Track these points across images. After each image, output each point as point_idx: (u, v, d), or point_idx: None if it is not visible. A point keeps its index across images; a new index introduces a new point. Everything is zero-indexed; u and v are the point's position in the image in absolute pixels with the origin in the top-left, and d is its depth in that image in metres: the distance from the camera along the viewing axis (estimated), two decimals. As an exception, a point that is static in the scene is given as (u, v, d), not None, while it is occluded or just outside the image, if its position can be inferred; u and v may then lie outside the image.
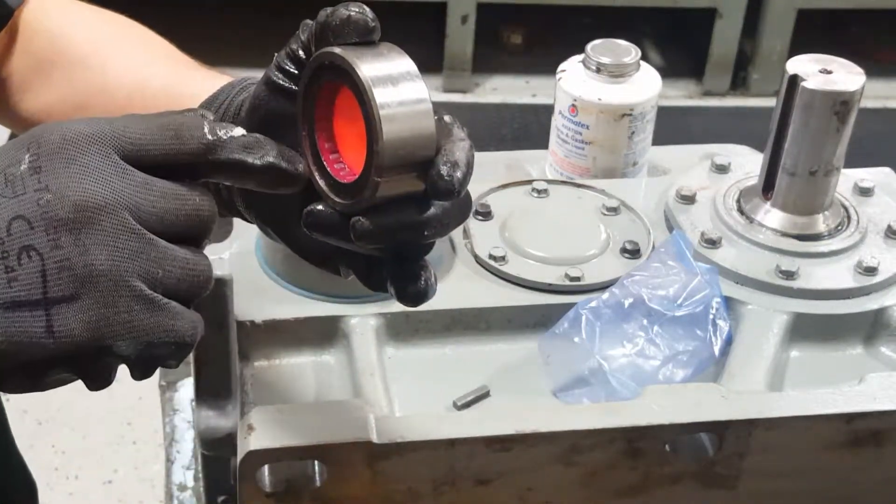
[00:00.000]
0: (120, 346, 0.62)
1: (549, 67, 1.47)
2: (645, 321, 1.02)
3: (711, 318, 1.02)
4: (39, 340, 0.61)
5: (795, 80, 1.07)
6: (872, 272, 1.09)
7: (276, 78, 0.74)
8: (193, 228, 0.64)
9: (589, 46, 1.24)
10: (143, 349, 0.63)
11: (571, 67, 1.25)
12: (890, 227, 1.14)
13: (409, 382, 1.02)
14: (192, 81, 0.85)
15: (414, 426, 0.89)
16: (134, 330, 0.62)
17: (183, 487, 1.22)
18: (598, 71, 1.22)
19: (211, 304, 0.99)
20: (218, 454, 1.03)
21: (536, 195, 1.20)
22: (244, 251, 1.09)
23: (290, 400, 1.01)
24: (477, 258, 1.11)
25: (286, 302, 1.05)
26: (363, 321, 1.03)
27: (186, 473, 1.23)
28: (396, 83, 0.68)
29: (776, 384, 1.02)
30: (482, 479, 0.91)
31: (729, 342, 1.03)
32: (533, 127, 3.23)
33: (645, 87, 1.24)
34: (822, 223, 1.13)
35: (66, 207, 0.60)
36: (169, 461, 1.25)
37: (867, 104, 1.16)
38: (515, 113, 3.36)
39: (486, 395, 1.01)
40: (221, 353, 1.00)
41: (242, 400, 1.00)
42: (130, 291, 0.61)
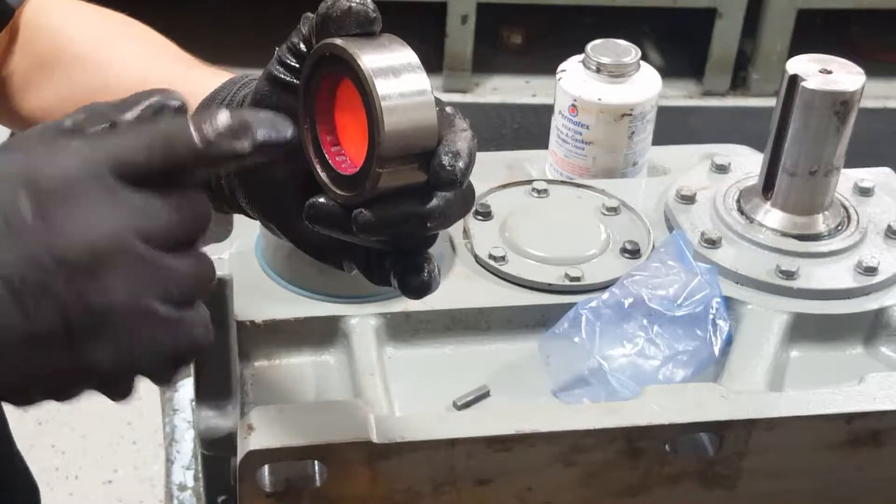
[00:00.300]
0: (145, 366, 0.63)
1: (549, 67, 1.47)
2: (645, 321, 1.02)
3: (711, 318, 1.02)
4: (68, 376, 0.62)
5: (795, 80, 1.07)
6: (872, 272, 1.09)
7: (277, 72, 0.74)
8: (194, 233, 0.64)
9: (589, 46, 1.24)
10: (166, 362, 0.63)
11: (571, 67, 1.25)
12: (890, 227, 1.14)
13: (409, 382, 1.02)
14: (193, 78, 0.85)
15: (414, 426, 0.89)
16: (158, 350, 0.62)
17: (183, 487, 1.22)
18: (598, 71, 1.22)
19: (211, 304, 0.99)
20: (218, 454, 1.03)
21: (536, 195, 1.20)
22: (244, 251, 1.09)
23: (290, 400, 1.01)
24: (477, 258, 1.11)
25: (286, 302, 1.05)
26: (363, 321, 1.03)
27: (186, 473, 1.23)
28: (398, 74, 0.68)
29: (776, 384, 1.02)
30: (482, 479, 0.91)
31: (729, 342, 1.03)
32: (533, 127, 3.23)
33: (645, 87, 1.24)
34: (822, 223, 1.13)
35: (77, 250, 0.59)
36: (169, 461, 1.25)
37: (867, 104, 1.16)
38: (515, 113, 3.36)
39: (486, 395, 1.01)
40: (221, 353, 1.00)
41: (242, 400, 1.00)
42: (151, 316, 0.62)
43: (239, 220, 0.84)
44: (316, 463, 0.87)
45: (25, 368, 0.60)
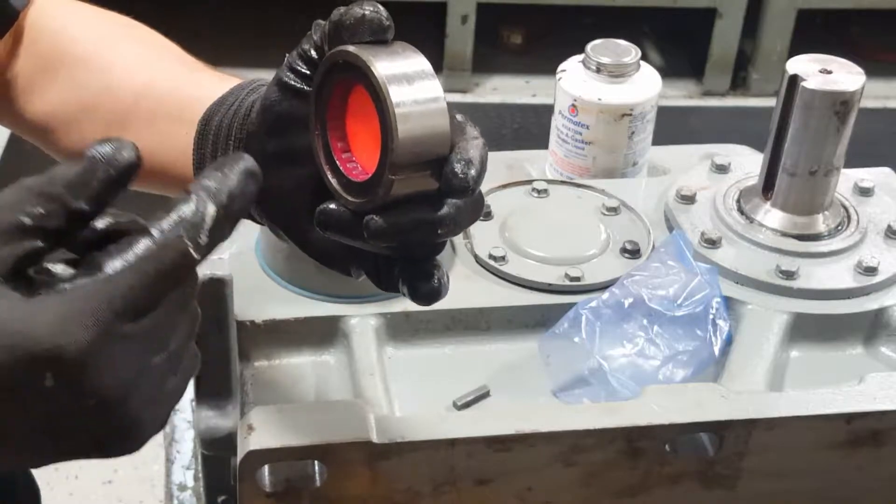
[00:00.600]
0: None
1: (549, 67, 1.47)
2: (645, 321, 1.02)
3: (711, 318, 1.02)
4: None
5: (795, 80, 1.07)
6: (872, 272, 1.09)
7: (287, 79, 0.74)
8: (191, 332, 0.65)
9: (589, 46, 1.24)
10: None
11: (571, 67, 1.25)
12: (890, 227, 1.14)
13: (409, 382, 1.02)
14: (200, 83, 0.85)
15: (414, 426, 0.89)
16: (165, 413, 0.67)
17: (183, 487, 1.22)
18: (598, 71, 1.22)
19: (211, 304, 0.99)
20: (218, 454, 1.03)
21: (536, 195, 1.20)
22: (244, 251, 1.09)
23: (290, 400, 1.01)
24: (477, 258, 1.11)
25: (286, 302, 1.05)
26: (363, 321, 1.03)
27: (186, 473, 1.23)
28: (412, 81, 0.68)
29: (776, 384, 1.02)
30: (482, 479, 0.91)
31: (729, 342, 1.03)
32: (533, 127, 3.23)
33: (645, 87, 1.24)
34: (822, 223, 1.13)
35: (110, 411, 0.61)
36: (169, 461, 1.25)
37: (867, 104, 1.16)
38: (515, 113, 3.35)
39: (486, 395, 1.01)
40: (221, 353, 1.00)
41: (242, 400, 1.00)
42: (161, 414, 0.66)
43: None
44: (316, 463, 0.87)
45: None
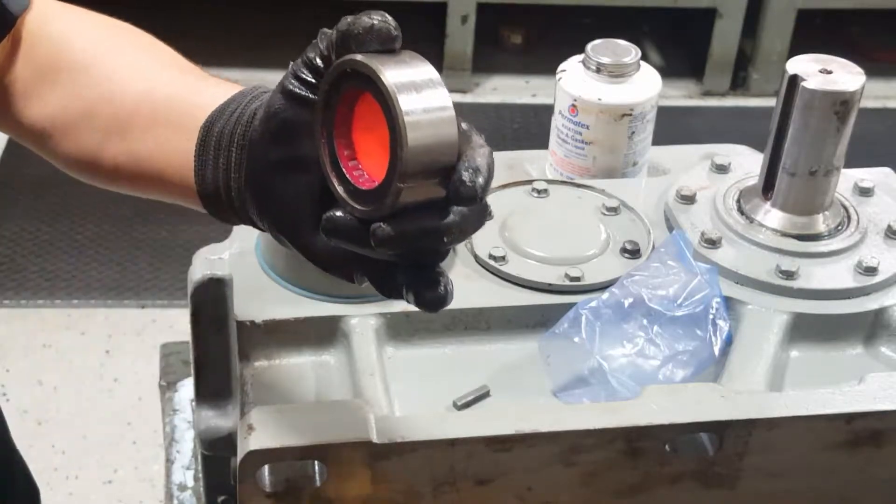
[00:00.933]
0: None
1: (549, 67, 1.47)
2: (645, 321, 1.03)
3: (711, 318, 1.02)
4: None
5: (795, 80, 1.07)
6: (872, 272, 1.09)
7: (292, 87, 0.74)
8: None
9: (589, 46, 1.24)
10: None
11: (571, 67, 1.25)
12: (890, 227, 1.14)
13: (409, 382, 1.02)
14: (201, 90, 0.84)
15: (414, 426, 0.89)
16: None
17: (183, 487, 1.22)
18: (598, 71, 1.22)
19: (211, 304, 0.99)
20: (218, 454, 1.03)
21: (536, 195, 1.20)
22: (244, 251, 1.09)
23: (290, 400, 1.01)
24: (477, 258, 1.11)
25: (286, 302, 1.05)
26: (363, 321, 1.03)
27: (186, 473, 1.23)
28: (420, 90, 0.68)
29: (776, 384, 1.02)
30: (482, 479, 0.91)
31: (729, 342, 1.03)
32: (533, 127, 3.23)
33: (645, 87, 1.24)
34: (822, 223, 1.13)
35: None
36: (169, 461, 1.25)
37: (867, 104, 1.16)
38: (515, 113, 3.35)
39: (486, 395, 1.01)
40: (221, 353, 1.00)
41: (242, 400, 1.00)
42: None
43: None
44: (316, 463, 0.87)
45: None
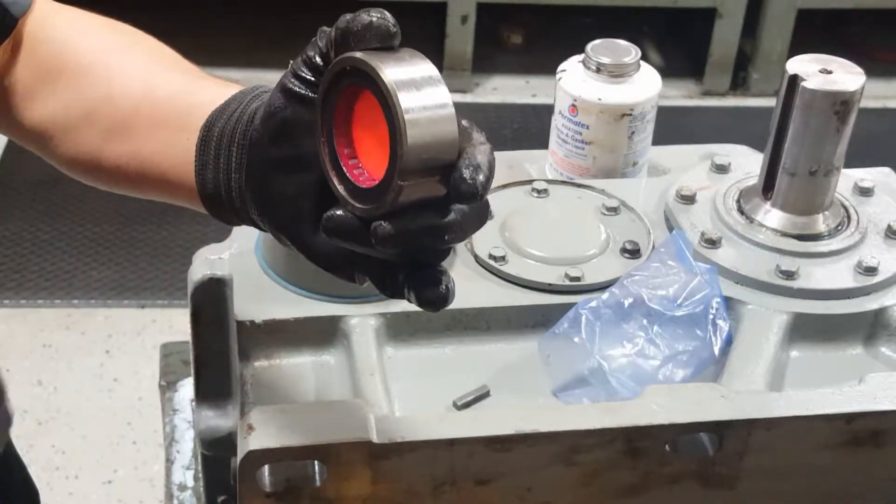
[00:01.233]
0: None
1: (549, 67, 1.47)
2: (645, 321, 1.03)
3: (711, 318, 1.02)
4: None
5: (795, 80, 1.07)
6: (872, 272, 1.09)
7: (292, 85, 0.74)
8: None
9: (589, 46, 1.24)
10: None
11: (571, 67, 1.25)
12: (890, 227, 1.14)
13: (409, 382, 1.02)
14: (201, 90, 0.84)
15: (414, 426, 0.89)
16: None
17: (183, 487, 1.22)
18: (598, 71, 1.22)
19: (211, 304, 0.99)
20: (218, 454, 1.03)
21: (536, 195, 1.20)
22: (244, 251, 1.09)
23: (290, 400, 1.01)
24: (477, 258, 1.11)
25: (286, 302, 1.05)
26: (363, 321, 1.03)
27: (186, 473, 1.23)
28: (420, 87, 0.68)
29: (776, 384, 1.02)
30: (482, 479, 0.91)
31: (729, 342, 1.03)
32: (533, 127, 3.23)
33: (645, 87, 1.24)
34: (822, 223, 1.13)
35: None
36: (169, 461, 1.25)
37: (867, 104, 1.16)
38: (515, 113, 3.35)
39: (486, 395, 1.01)
40: (221, 353, 1.00)
41: (242, 400, 1.00)
42: None
43: (239, 220, 0.84)
44: (316, 463, 0.87)
45: None
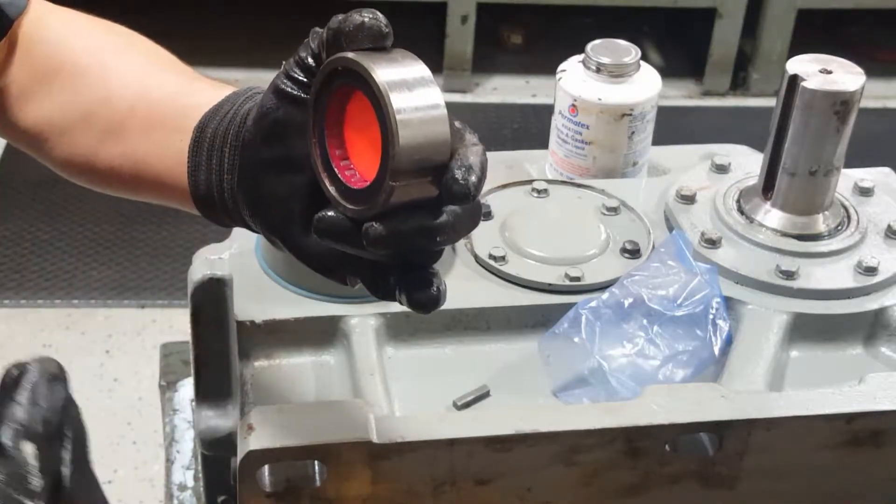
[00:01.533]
0: None
1: (549, 67, 1.47)
2: (645, 321, 1.02)
3: (711, 318, 1.02)
4: None
5: (795, 80, 1.07)
6: (872, 272, 1.09)
7: (284, 86, 0.74)
8: None
9: (589, 46, 1.24)
10: None
11: (571, 67, 1.25)
12: (890, 227, 1.14)
13: (409, 382, 1.02)
14: (196, 91, 0.85)
15: (414, 426, 0.89)
16: None
17: (183, 487, 1.22)
18: (598, 71, 1.22)
19: (211, 304, 0.99)
20: (218, 454, 1.03)
21: (536, 195, 1.20)
22: (244, 251, 1.09)
23: (290, 400, 1.01)
24: (477, 258, 1.11)
25: (286, 302, 1.05)
26: (363, 321, 1.03)
27: (186, 473, 1.23)
28: (412, 88, 0.68)
29: (776, 384, 1.02)
30: (482, 479, 0.91)
31: (729, 342, 1.03)
32: (533, 127, 3.22)
33: (645, 87, 1.24)
34: (822, 223, 1.13)
35: None
36: (169, 461, 1.25)
37: (867, 104, 1.16)
38: (515, 113, 3.35)
39: (486, 395, 1.01)
40: (221, 353, 1.00)
41: (242, 400, 1.00)
42: None
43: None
44: (316, 463, 0.87)
45: None
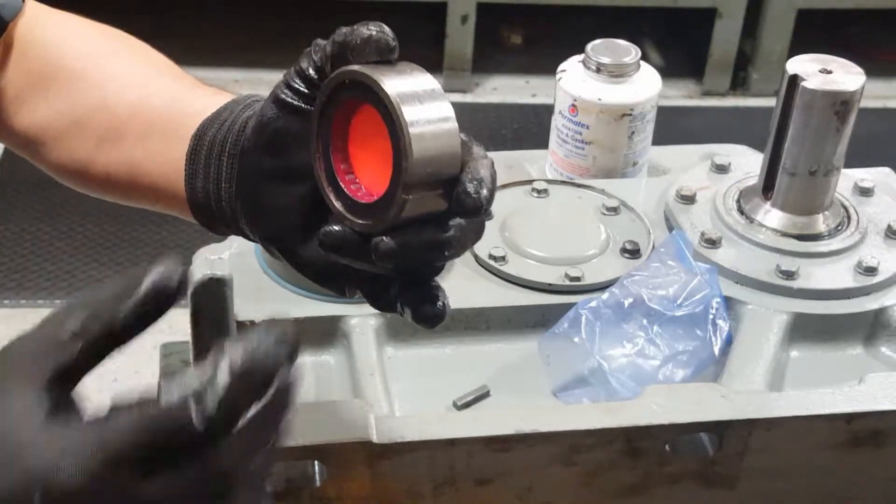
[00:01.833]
0: None
1: (549, 67, 1.47)
2: (645, 321, 1.02)
3: (711, 318, 1.02)
4: None
5: (795, 80, 1.07)
6: (872, 272, 1.09)
7: (284, 96, 0.73)
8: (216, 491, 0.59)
9: (589, 46, 1.24)
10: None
11: (571, 67, 1.25)
12: (890, 227, 1.14)
13: (409, 382, 1.02)
14: (195, 98, 0.84)
15: (414, 426, 0.89)
16: None
17: (183, 487, 1.22)
18: (598, 71, 1.22)
19: (211, 304, 0.99)
20: (218, 454, 1.03)
21: (536, 195, 1.20)
22: (244, 251, 1.09)
23: (290, 400, 1.01)
24: (477, 258, 1.11)
25: (286, 302, 1.04)
26: (363, 321, 1.03)
27: (186, 473, 1.23)
28: (423, 101, 0.68)
29: (776, 384, 1.02)
30: (482, 479, 0.91)
31: (729, 342, 1.03)
32: (533, 127, 3.22)
33: (645, 87, 1.24)
34: (822, 223, 1.13)
35: None
36: (169, 461, 1.25)
37: (867, 104, 1.16)
38: (515, 113, 3.35)
39: (486, 395, 1.01)
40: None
41: (242, 400, 1.00)
42: None
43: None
44: (316, 463, 0.87)
45: None
